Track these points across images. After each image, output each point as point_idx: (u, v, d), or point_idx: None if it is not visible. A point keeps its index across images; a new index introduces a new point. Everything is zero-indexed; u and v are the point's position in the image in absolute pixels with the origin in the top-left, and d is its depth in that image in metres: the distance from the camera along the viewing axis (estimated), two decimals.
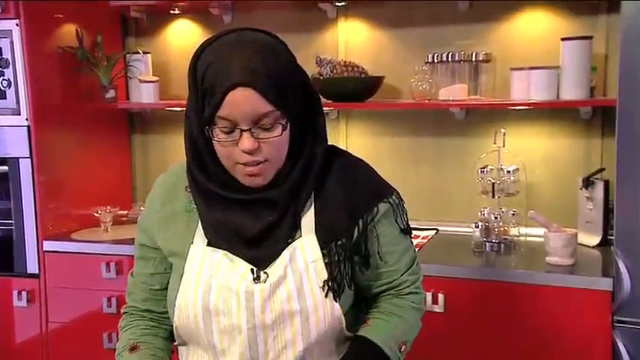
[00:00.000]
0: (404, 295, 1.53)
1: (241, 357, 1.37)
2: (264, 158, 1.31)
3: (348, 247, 1.41)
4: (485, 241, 2.85)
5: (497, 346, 2.58)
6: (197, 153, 1.40)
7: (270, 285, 1.36)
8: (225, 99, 1.25)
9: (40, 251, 3.15)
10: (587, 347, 2.46)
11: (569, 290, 2.50)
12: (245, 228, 1.38)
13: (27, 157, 3.10)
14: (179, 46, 3.54)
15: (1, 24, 3.01)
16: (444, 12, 3.09)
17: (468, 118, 3.13)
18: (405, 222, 1.52)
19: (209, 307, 1.36)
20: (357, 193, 1.46)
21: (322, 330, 1.37)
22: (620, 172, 2.41)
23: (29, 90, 3.05)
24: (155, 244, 1.49)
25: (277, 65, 1.31)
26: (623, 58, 2.36)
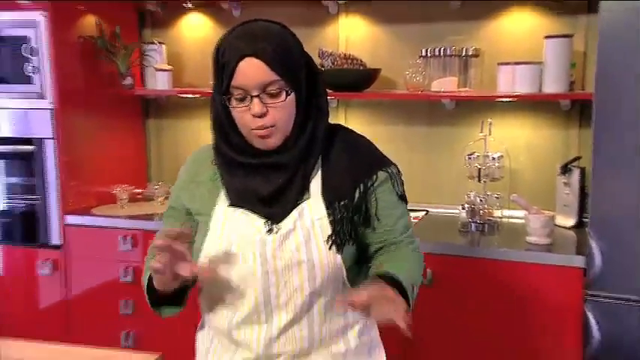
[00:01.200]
0: (405, 246, 1.59)
1: (256, 300, 1.45)
2: (272, 123, 1.40)
3: (350, 208, 1.48)
4: (471, 221, 2.90)
5: (480, 317, 2.62)
6: (221, 127, 1.49)
7: (281, 236, 1.45)
8: (237, 69, 1.36)
9: (63, 225, 3.18)
10: (562, 318, 2.52)
11: (546, 267, 2.56)
12: (260, 189, 1.47)
13: (51, 137, 3.13)
14: (192, 37, 3.58)
15: (29, 15, 3.04)
16: (437, 10, 3.11)
17: (457, 109, 3.16)
18: (401, 190, 1.58)
19: (228, 256, 1.46)
20: (359, 161, 1.54)
21: (326, 278, 1.46)
22: (595, 161, 2.45)
23: (53, 76, 3.09)
24: (183, 207, 1.59)
25: (282, 43, 1.42)
26: (601, 55, 2.41)
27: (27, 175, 3.23)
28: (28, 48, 3.09)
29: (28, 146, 3.19)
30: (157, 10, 3.52)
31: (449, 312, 2.66)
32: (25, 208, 3.27)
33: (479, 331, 2.60)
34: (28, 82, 3.13)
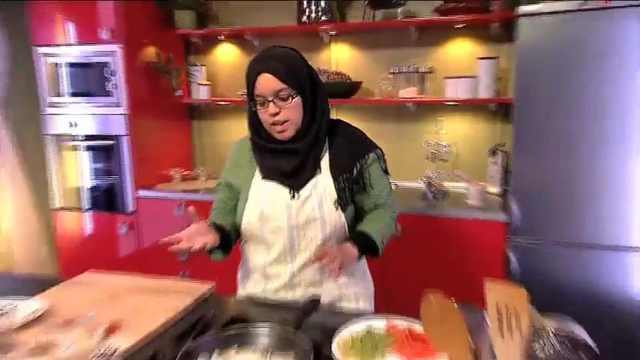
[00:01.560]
0: (384, 209, 1.64)
1: (284, 247, 1.54)
2: (285, 119, 1.46)
3: (350, 180, 1.55)
4: (428, 191, 2.94)
5: (435, 256, 2.70)
6: (253, 124, 1.56)
7: (301, 201, 1.52)
8: (256, 82, 1.44)
9: (135, 197, 3.25)
10: (491, 256, 2.61)
11: (480, 221, 2.64)
12: (284, 167, 1.53)
13: (125, 135, 3.18)
14: (223, 61, 3.60)
15: (110, 47, 3.09)
16: (402, 39, 3.12)
17: (417, 110, 3.18)
18: (385, 166, 1.64)
19: (263, 215, 1.53)
20: (355, 146, 1.59)
21: (333, 230, 1.53)
22: (515, 146, 2.51)
23: (126, 90, 3.13)
24: (230, 182, 1.65)
25: (288, 61, 1.47)
26: (519, 71, 2.45)
27: (108, 161, 3.27)
28: (109, 71, 3.13)
29: (109, 141, 3.23)
30: (198, 41, 3.54)
31: (413, 254, 2.70)
32: (107, 186, 3.31)
33: (434, 265, 2.68)
34: (108, 95, 3.17)
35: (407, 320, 1.34)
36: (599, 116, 2.35)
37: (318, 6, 3.09)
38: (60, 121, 3.33)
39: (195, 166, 3.70)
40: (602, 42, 2.30)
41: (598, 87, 2.34)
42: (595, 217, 2.42)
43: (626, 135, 2.33)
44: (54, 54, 3.25)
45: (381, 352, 1.20)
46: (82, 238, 3.44)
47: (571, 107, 2.39)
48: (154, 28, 3.34)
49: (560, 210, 2.47)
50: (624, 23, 2.26)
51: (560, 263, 2.47)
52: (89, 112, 3.27)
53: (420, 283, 2.64)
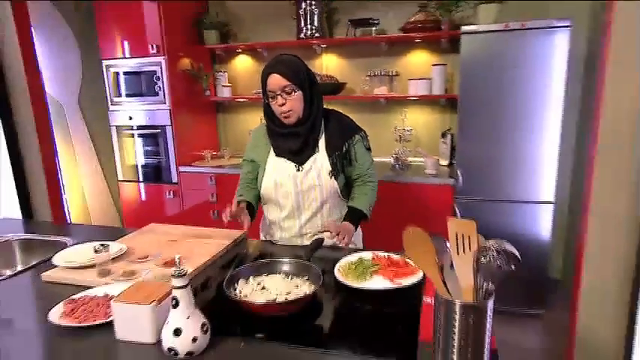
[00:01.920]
0: (367, 183, 1.64)
1: (292, 207, 1.58)
2: (289, 109, 1.46)
3: (341, 156, 1.56)
4: (396, 164, 2.95)
5: (402, 212, 2.69)
6: (267, 114, 1.55)
7: (304, 172, 1.54)
8: (267, 81, 1.45)
9: (178, 172, 3.26)
10: (443, 210, 2.63)
11: (435, 185, 2.67)
12: (291, 146, 1.54)
13: (169, 125, 3.19)
14: (241, 68, 3.57)
15: (156, 59, 3.10)
16: (376, 50, 3.10)
17: (387, 104, 3.19)
18: (368, 145, 1.64)
19: (276, 183, 1.56)
20: (344, 129, 1.59)
21: (329, 194, 1.57)
22: (459, 130, 2.55)
23: (169, 91, 3.13)
24: (252, 159, 1.65)
25: (292, 64, 1.46)
26: (462, 75, 2.47)
27: (157, 145, 3.28)
28: (156, 76, 3.13)
29: (156, 130, 3.25)
30: (221, 53, 3.51)
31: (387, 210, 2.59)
32: (156, 163, 3.32)
33: (402, 217, 2.61)
34: (156, 95, 3.18)
35: (386, 252, 1.42)
36: (517, 109, 2.42)
37: (312, 25, 3.09)
38: (120, 115, 3.34)
39: (221, 147, 3.70)
40: (519, 54, 2.36)
41: (516, 89, 2.40)
42: (516, 180, 2.50)
43: (534, 123, 2.42)
44: (115, 65, 3.25)
45: (370, 274, 1.28)
46: (139, 202, 3.47)
47: (498, 102, 2.44)
48: (188, 44, 3.32)
49: (491, 175, 2.54)
50: (534, 42, 2.33)
51: (491, 214, 2.56)
52: (141, 109, 3.27)
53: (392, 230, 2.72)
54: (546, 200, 2.48)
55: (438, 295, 0.87)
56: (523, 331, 2.52)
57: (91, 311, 1.08)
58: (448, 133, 2.99)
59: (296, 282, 1.22)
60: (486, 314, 0.82)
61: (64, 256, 1.43)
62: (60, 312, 1.10)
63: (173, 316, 0.93)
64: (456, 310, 0.83)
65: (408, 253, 0.90)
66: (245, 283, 1.22)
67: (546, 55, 2.32)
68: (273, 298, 1.14)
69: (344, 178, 1.60)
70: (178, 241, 1.62)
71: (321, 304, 1.19)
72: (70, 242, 1.63)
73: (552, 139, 2.41)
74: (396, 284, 1.22)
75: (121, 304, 0.98)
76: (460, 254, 0.87)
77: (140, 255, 1.46)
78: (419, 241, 0.90)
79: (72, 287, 1.27)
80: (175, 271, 0.92)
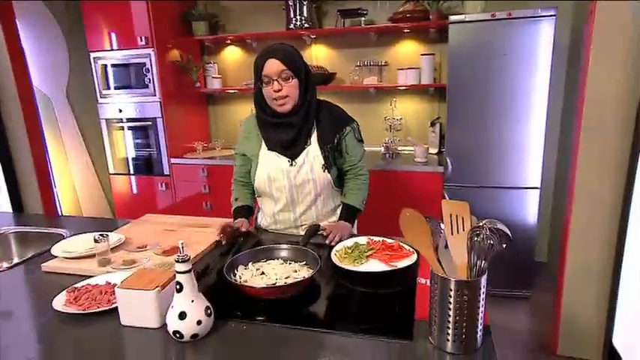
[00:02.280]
0: (359, 176, 1.61)
1: (286, 200, 1.57)
2: (286, 94, 1.42)
3: (332, 148, 1.52)
4: (386, 153, 2.97)
5: (393, 199, 2.68)
6: (258, 102, 1.49)
7: (297, 167, 1.51)
8: (264, 65, 1.40)
9: (169, 163, 3.23)
10: (433, 197, 2.64)
11: (425, 173, 2.68)
12: (283, 139, 1.49)
13: (159, 117, 3.16)
14: (230, 59, 3.54)
15: (145, 51, 3.05)
16: (365, 40, 3.10)
17: (377, 94, 3.18)
18: (360, 137, 1.60)
19: (269, 177, 1.54)
20: (336, 120, 1.55)
21: (322, 186, 1.55)
22: (448, 119, 2.54)
23: (159, 83, 3.09)
24: (243, 152, 1.61)
25: (289, 52, 1.42)
26: (450, 64, 2.47)
27: (147, 138, 3.25)
28: (146, 68, 3.09)
29: (147, 122, 3.21)
30: (210, 44, 3.48)
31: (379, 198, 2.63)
32: (147, 156, 3.29)
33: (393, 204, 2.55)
34: (146, 87, 3.14)
35: (381, 237, 1.45)
36: (504, 97, 2.44)
37: (302, 16, 3.07)
38: (110, 108, 3.30)
39: (212, 139, 3.67)
40: (505, 43, 2.38)
41: (502, 77, 2.42)
42: (502, 166, 2.53)
43: (520, 111, 2.44)
44: (103, 57, 3.20)
45: (365, 258, 1.31)
46: (131, 195, 3.45)
47: (486, 90, 2.46)
48: (177, 35, 3.28)
49: (479, 163, 2.56)
50: (520, 31, 2.35)
51: (480, 200, 2.59)
52: (131, 101, 3.22)
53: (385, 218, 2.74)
54: (532, 186, 2.54)
55: (433, 274, 0.90)
56: (511, 313, 2.59)
57: (94, 299, 1.10)
58: (437, 122, 3.02)
59: (294, 267, 1.25)
60: (480, 290, 0.86)
61: (62, 247, 1.44)
62: (63, 300, 1.11)
63: (177, 300, 0.95)
64: (451, 287, 0.86)
65: (405, 234, 0.93)
66: (244, 269, 1.24)
67: (532, 43, 2.36)
68: (273, 282, 1.17)
69: (336, 170, 1.58)
70: (175, 230, 1.63)
71: (319, 287, 1.22)
72: (68, 234, 1.63)
73: (538, 127, 2.45)
74: (391, 267, 1.25)
75: (126, 291, 1.00)
76: (454, 234, 0.91)
77: (139, 244, 1.47)
78: (415, 223, 0.93)
79: (73, 277, 1.28)
80: (179, 256, 0.94)
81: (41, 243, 1.60)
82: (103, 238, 1.29)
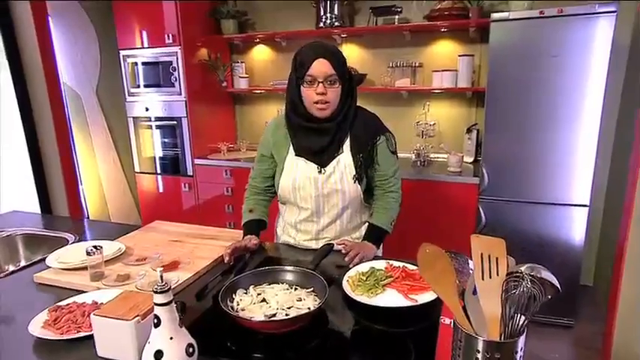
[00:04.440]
0: (389, 194, 1.49)
1: (311, 210, 1.45)
2: (328, 100, 1.32)
3: (365, 158, 1.41)
4: (417, 160, 2.85)
5: (423, 212, 2.56)
6: (293, 102, 1.39)
7: (326, 175, 1.41)
8: (313, 64, 1.30)
9: (193, 164, 3.18)
10: (466, 209, 2.50)
11: (459, 184, 2.53)
12: (313, 146, 1.40)
13: (185, 116, 3.11)
14: (259, 58, 3.47)
15: (173, 49, 3.01)
16: (398, 39, 2.97)
17: (409, 97, 3.05)
18: (394, 148, 1.48)
19: (295, 185, 1.43)
20: (369, 129, 1.44)
21: (351, 198, 1.44)
22: (486, 125, 2.38)
23: (185, 82, 3.04)
24: (269, 154, 1.49)
25: (339, 54, 1.35)
26: (490, 66, 2.31)
27: (173, 137, 3.21)
28: (173, 67, 3.06)
29: (173, 121, 3.18)
30: (239, 43, 3.42)
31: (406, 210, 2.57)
32: (173, 155, 3.25)
33: (422, 218, 2.57)
34: (172, 86, 3.10)
35: (402, 262, 1.28)
36: (550, 103, 2.23)
37: (333, 14, 2.95)
38: (137, 106, 3.28)
39: (237, 140, 3.63)
40: (555, 43, 2.16)
41: (550, 82, 2.21)
42: (546, 180, 2.32)
43: (570, 119, 2.22)
44: (132, 55, 3.19)
45: (382, 287, 1.15)
46: (156, 194, 3.42)
47: (530, 95, 2.26)
48: (205, 33, 3.22)
49: (520, 175, 2.36)
50: (572, 29, 2.13)
51: (519, 216, 2.38)
52: (158, 100, 3.19)
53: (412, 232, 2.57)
54: (580, 203, 2.28)
55: (457, 327, 0.73)
56: (551, 343, 2.34)
57: (75, 321, 0.99)
58: (474, 129, 2.83)
59: (299, 294, 1.11)
60: (516, 355, 0.68)
61: (59, 256, 1.35)
62: (43, 320, 1.01)
63: (155, 336, 0.82)
64: (478, 347, 0.68)
65: (423, 275, 0.76)
66: (244, 294, 1.12)
67: (586, 44, 2.11)
68: (273, 313, 1.02)
69: (366, 183, 1.46)
70: (180, 241, 1.52)
71: (326, 319, 1.07)
72: (71, 240, 1.56)
73: (590, 137, 2.21)
74: (411, 301, 1.08)
75: (102, 319, 0.88)
76: (485, 279, 0.73)
77: (138, 256, 1.36)
78: (436, 261, 0.76)
79: (63, 290, 1.18)
80: (157, 286, 0.81)
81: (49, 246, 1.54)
82: (95, 250, 1.19)
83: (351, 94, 1.41)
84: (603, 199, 2.76)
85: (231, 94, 3.57)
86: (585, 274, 2.84)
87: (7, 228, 1.71)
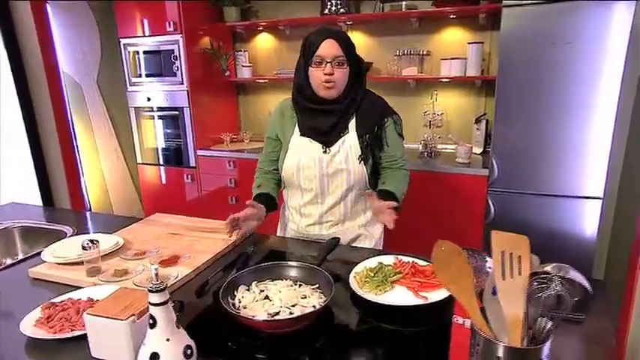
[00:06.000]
0: (399, 170, 1.49)
1: (316, 191, 1.44)
2: (335, 80, 1.33)
3: (371, 138, 1.41)
4: (424, 151, 2.77)
5: (431, 204, 2.51)
6: (299, 84, 1.40)
7: (331, 155, 1.40)
8: (321, 45, 1.32)
9: (196, 155, 3.13)
10: (475, 201, 2.44)
11: (467, 175, 2.47)
12: (320, 126, 1.40)
13: (187, 106, 3.05)
14: (262, 47, 3.39)
15: (174, 37, 2.94)
16: (405, 27, 2.89)
17: (417, 86, 2.97)
18: (400, 130, 1.48)
19: (299, 166, 1.42)
20: (376, 111, 1.44)
21: (356, 179, 1.42)
22: (496, 115, 2.29)
23: (187, 72, 2.98)
24: (275, 136, 1.50)
25: (347, 37, 1.36)
26: (501, 54, 2.21)
27: (175, 127, 3.15)
28: (174, 56, 2.99)
29: (175, 112, 3.12)
30: (242, 31, 3.35)
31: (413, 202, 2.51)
32: (175, 146, 3.20)
33: (430, 210, 2.52)
34: (174, 75, 3.03)
35: (411, 257, 1.23)
36: (563, 92, 2.14)
37: (338, 0, 2.87)
38: (139, 96, 3.22)
39: (241, 131, 3.55)
40: (570, 30, 2.07)
41: (563, 70, 2.12)
42: (558, 172, 2.24)
43: (584, 109, 2.13)
44: (133, 44, 3.12)
45: (390, 284, 1.09)
46: (159, 185, 3.38)
47: (542, 84, 2.17)
48: (207, 21, 3.14)
49: (530, 166, 2.29)
50: (588, 14, 2.03)
51: (529, 208, 2.31)
52: (160, 89, 3.12)
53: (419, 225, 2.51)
54: (594, 195, 2.21)
55: (474, 330, 0.67)
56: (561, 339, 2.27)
57: (69, 319, 0.94)
58: (483, 119, 2.74)
59: (304, 291, 1.06)
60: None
61: (54, 250, 1.31)
62: (36, 317, 0.96)
63: (150, 337, 0.77)
64: (498, 353, 0.63)
65: (438, 275, 0.71)
66: (246, 290, 1.07)
67: (603, 31, 2.02)
68: (276, 312, 0.97)
69: (372, 163, 1.45)
70: (180, 234, 1.47)
71: (332, 316, 1.02)
72: (69, 232, 1.51)
73: (605, 127, 2.12)
74: (421, 299, 1.02)
75: (96, 318, 0.84)
76: (507, 279, 0.67)
77: (137, 250, 1.31)
78: (452, 260, 0.70)
79: (59, 286, 1.14)
80: (153, 284, 0.76)
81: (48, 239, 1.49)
82: (92, 244, 1.14)
83: (359, 80, 1.41)
84: (616, 192, 2.68)
85: (234, 83, 3.50)
86: (596, 268, 2.77)
87: (5, 220, 1.67)
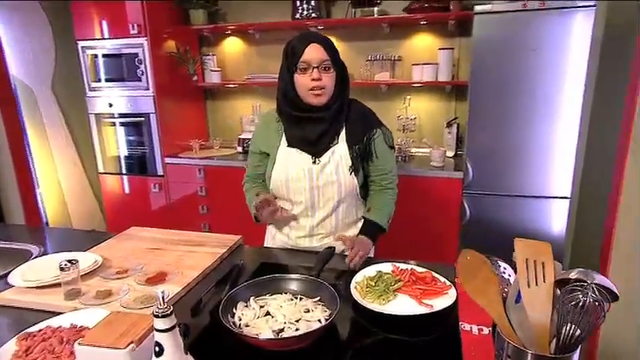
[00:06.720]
0: (387, 190, 1.45)
1: (306, 204, 1.39)
2: (323, 86, 1.28)
3: (361, 149, 1.38)
4: (399, 155, 2.75)
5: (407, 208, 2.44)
6: (285, 92, 1.34)
7: (321, 166, 1.36)
8: (306, 50, 1.26)
9: (163, 163, 3.02)
10: (450, 204, 2.48)
11: (442, 178, 2.50)
12: (308, 135, 1.35)
13: (153, 112, 2.94)
14: (230, 51, 3.32)
15: (138, 40, 2.82)
16: (376, 32, 2.90)
17: (389, 91, 2.99)
18: (390, 142, 1.45)
19: (288, 177, 1.36)
20: (366, 121, 1.41)
21: (347, 191, 1.38)
22: (469, 119, 2.34)
23: (153, 76, 2.88)
24: (259, 150, 1.45)
25: (331, 43, 1.31)
26: (473, 59, 2.27)
27: (140, 135, 3.03)
28: (138, 60, 2.87)
29: (140, 118, 2.99)
30: (209, 35, 3.27)
31: None
32: (140, 154, 3.07)
33: (407, 213, 2.40)
34: (139, 80, 2.91)
35: (408, 264, 1.22)
36: (531, 96, 2.23)
37: (309, 5, 2.85)
38: (100, 102, 3.06)
39: (210, 137, 3.45)
40: (538, 37, 2.16)
41: (532, 74, 2.21)
42: (528, 173, 2.33)
43: (551, 112, 2.23)
44: (93, 47, 2.96)
45: (392, 293, 1.08)
46: (122, 196, 3.22)
47: (512, 89, 2.25)
48: (173, 24, 3.04)
49: (502, 168, 2.36)
50: (555, 22, 2.14)
51: (503, 209, 2.38)
52: (123, 95, 2.99)
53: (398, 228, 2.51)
54: (561, 195, 2.31)
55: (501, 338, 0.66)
56: None
57: (51, 351, 0.85)
58: (454, 123, 2.81)
59: (306, 304, 1.02)
60: None
61: (23, 272, 1.19)
62: (11, 351, 0.86)
63: None
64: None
65: (465, 286, 0.69)
66: (245, 307, 1.01)
67: (565, 37, 2.13)
68: (280, 328, 0.93)
69: (363, 175, 1.42)
70: (162, 249, 1.39)
71: (336, 330, 0.98)
72: (36, 252, 1.39)
73: (570, 129, 2.23)
74: (426, 307, 1.01)
75: (90, 348, 0.76)
76: (532, 286, 0.66)
77: (118, 268, 1.22)
78: (478, 270, 0.69)
79: (32, 312, 1.03)
80: (159, 309, 0.69)
81: (9, 260, 1.36)
82: (70, 264, 1.05)
83: (345, 86, 1.37)
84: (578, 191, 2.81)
85: (202, 88, 3.40)
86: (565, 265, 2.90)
87: None
